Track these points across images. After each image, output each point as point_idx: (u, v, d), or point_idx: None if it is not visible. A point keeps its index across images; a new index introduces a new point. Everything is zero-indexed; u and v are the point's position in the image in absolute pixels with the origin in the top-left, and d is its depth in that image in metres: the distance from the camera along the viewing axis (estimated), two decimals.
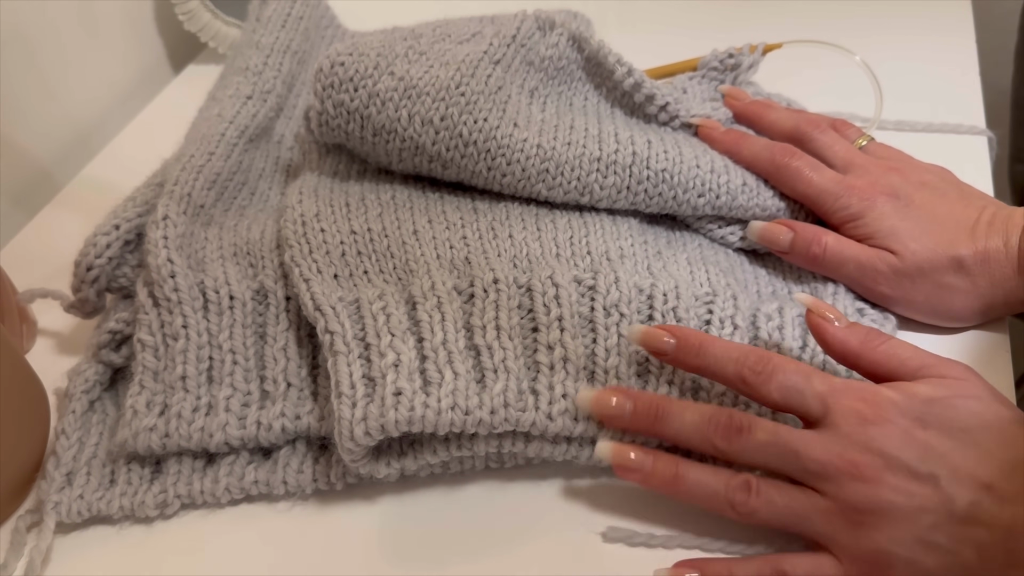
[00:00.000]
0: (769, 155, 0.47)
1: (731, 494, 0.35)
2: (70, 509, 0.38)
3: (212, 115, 0.52)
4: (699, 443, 0.36)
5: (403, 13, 0.64)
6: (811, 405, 0.35)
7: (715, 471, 0.36)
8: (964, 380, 0.36)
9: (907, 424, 0.34)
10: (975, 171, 0.52)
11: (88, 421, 0.41)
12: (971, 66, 0.64)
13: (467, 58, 0.47)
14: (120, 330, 0.43)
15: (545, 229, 0.44)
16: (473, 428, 0.36)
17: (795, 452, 0.34)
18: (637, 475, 0.36)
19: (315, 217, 0.45)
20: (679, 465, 0.36)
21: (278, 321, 0.42)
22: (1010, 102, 0.76)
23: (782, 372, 0.36)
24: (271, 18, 0.59)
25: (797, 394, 0.35)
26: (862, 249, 0.44)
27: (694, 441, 0.36)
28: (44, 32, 0.60)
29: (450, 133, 0.45)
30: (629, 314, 0.40)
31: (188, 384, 0.40)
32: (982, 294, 0.42)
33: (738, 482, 0.35)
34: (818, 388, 0.35)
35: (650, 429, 0.37)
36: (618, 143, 0.46)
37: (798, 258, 0.46)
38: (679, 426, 0.36)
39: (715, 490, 0.35)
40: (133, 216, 0.45)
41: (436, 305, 0.39)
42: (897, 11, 0.71)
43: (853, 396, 0.35)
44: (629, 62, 0.51)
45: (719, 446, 0.35)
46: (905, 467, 0.33)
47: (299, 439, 0.40)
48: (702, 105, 0.53)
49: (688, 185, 0.46)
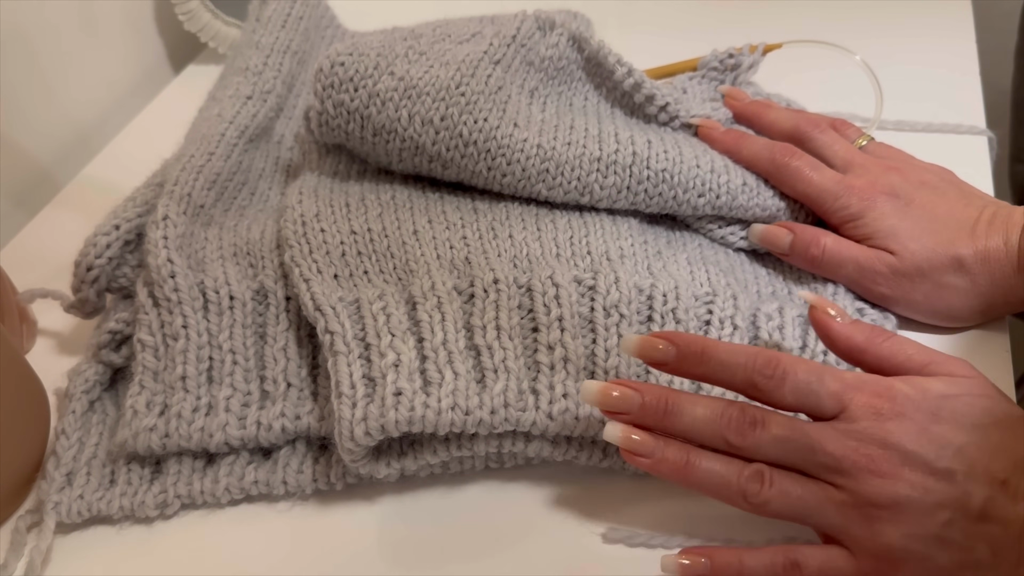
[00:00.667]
0: (769, 155, 0.47)
1: (744, 484, 0.34)
2: (70, 509, 0.38)
3: (212, 115, 0.52)
4: (711, 438, 0.35)
5: (403, 13, 0.64)
6: (826, 404, 0.35)
7: (727, 460, 0.35)
8: (972, 378, 0.36)
9: (922, 419, 0.34)
10: (975, 171, 0.52)
11: (88, 421, 0.41)
12: (971, 66, 0.64)
13: (467, 58, 0.47)
14: (120, 330, 0.43)
15: (545, 229, 0.45)
16: (473, 428, 0.36)
17: (810, 446, 0.34)
18: (647, 461, 0.35)
19: (315, 217, 0.45)
20: (690, 453, 0.35)
21: (278, 321, 0.42)
22: (1010, 102, 0.76)
23: (794, 374, 0.35)
24: (271, 18, 0.59)
25: (812, 395, 0.35)
26: (861, 250, 0.44)
27: (706, 436, 0.35)
28: (44, 32, 0.60)
29: (450, 133, 0.45)
30: (629, 315, 0.40)
31: (188, 384, 0.40)
32: (982, 293, 0.42)
33: (751, 472, 0.34)
34: (832, 387, 0.35)
35: (659, 424, 0.35)
36: (618, 143, 0.46)
37: (797, 259, 0.46)
38: (690, 421, 0.35)
39: (727, 480, 0.34)
40: (133, 216, 0.44)
41: (436, 305, 0.39)
42: (897, 11, 0.71)
43: (868, 391, 0.35)
44: (629, 62, 0.51)
45: (733, 441, 0.34)
46: (923, 462, 0.33)
47: (299, 439, 0.40)
48: (702, 105, 0.53)
49: (688, 185, 0.46)
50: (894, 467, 0.33)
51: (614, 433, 0.35)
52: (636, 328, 0.40)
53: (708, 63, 0.57)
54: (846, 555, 0.33)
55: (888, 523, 0.33)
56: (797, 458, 0.34)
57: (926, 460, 0.33)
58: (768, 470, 0.34)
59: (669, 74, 0.59)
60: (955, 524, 0.32)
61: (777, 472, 0.34)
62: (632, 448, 0.35)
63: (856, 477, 0.33)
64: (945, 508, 0.32)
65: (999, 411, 0.34)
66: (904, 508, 0.33)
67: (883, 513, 0.33)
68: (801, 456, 0.34)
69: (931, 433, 0.33)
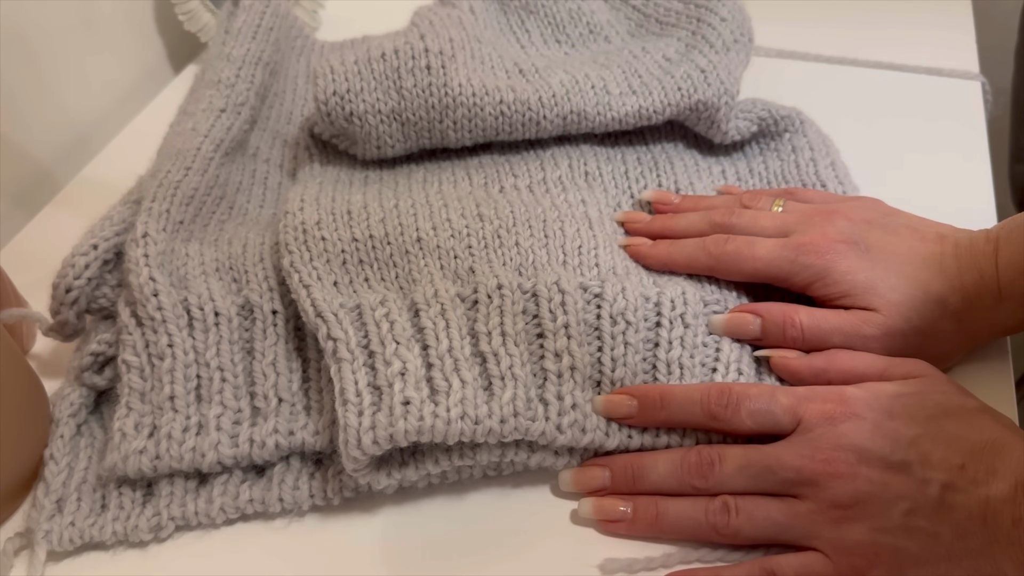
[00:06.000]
0: (703, 251, 0.44)
1: (712, 519, 0.36)
2: (61, 537, 0.37)
3: (186, 129, 0.51)
4: (679, 487, 0.37)
5: (403, 14, 0.63)
6: (782, 420, 0.37)
7: (693, 501, 0.37)
8: (928, 376, 0.37)
9: (875, 417, 0.35)
10: (976, 172, 0.54)
11: (76, 445, 0.40)
12: (971, 66, 0.65)
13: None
14: (103, 352, 0.42)
15: (553, 236, 0.44)
16: (483, 437, 0.36)
17: (769, 467, 0.36)
18: (622, 525, 0.37)
19: (316, 225, 0.44)
20: (658, 503, 0.37)
21: (265, 336, 0.42)
22: (1010, 102, 0.77)
23: (747, 399, 0.37)
24: (241, 30, 0.58)
25: (768, 414, 0.37)
26: (841, 318, 0.41)
27: (673, 487, 0.37)
28: (44, 32, 0.60)
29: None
30: (636, 322, 0.40)
31: (177, 404, 0.39)
32: (967, 330, 0.41)
33: (716, 506, 0.36)
34: (785, 402, 0.37)
35: (631, 489, 0.38)
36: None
37: (775, 342, 0.41)
38: (656, 478, 0.37)
39: (696, 519, 0.36)
40: (111, 235, 0.44)
41: (440, 312, 0.39)
42: (897, 11, 0.72)
43: (819, 400, 0.37)
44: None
45: (697, 485, 0.37)
46: (878, 458, 0.34)
47: (293, 455, 0.39)
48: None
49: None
50: (851, 466, 0.35)
51: (586, 510, 0.38)
52: (644, 335, 0.40)
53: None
54: (822, 559, 0.34)
55: (854, 521, 0.34)
56: (761, 482, 0.36)
57: (881, 455, 0.34)
58: (732, 499, 0.36)
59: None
60: (917, 513, 0.33)
61: (741, 499, 0.36)
62: (608, 517, 0.37)
63: (817, 484, 0.35)
64: (905, 499, 0.34)
65: (952, 404, 0.36)
66: (866, 504, 0.34)
67: (848, 512, 0.34)
68: (764, 479, 0.36)
69: (884, 429, 0.35)
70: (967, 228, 0.42)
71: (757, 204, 0.46)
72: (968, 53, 0.66)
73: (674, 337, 0.40)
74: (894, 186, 0.49)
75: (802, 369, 0.40)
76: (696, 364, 0.40)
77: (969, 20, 0.71)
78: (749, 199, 0.47)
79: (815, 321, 0.41)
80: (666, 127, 0.55)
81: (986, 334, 0.42)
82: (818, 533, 0.34)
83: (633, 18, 0.60)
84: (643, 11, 0.60)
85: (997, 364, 0.43)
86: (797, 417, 0.36)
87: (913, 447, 0.34)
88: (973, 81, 0.63)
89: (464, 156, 0.53)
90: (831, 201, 0.46)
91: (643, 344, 0.40)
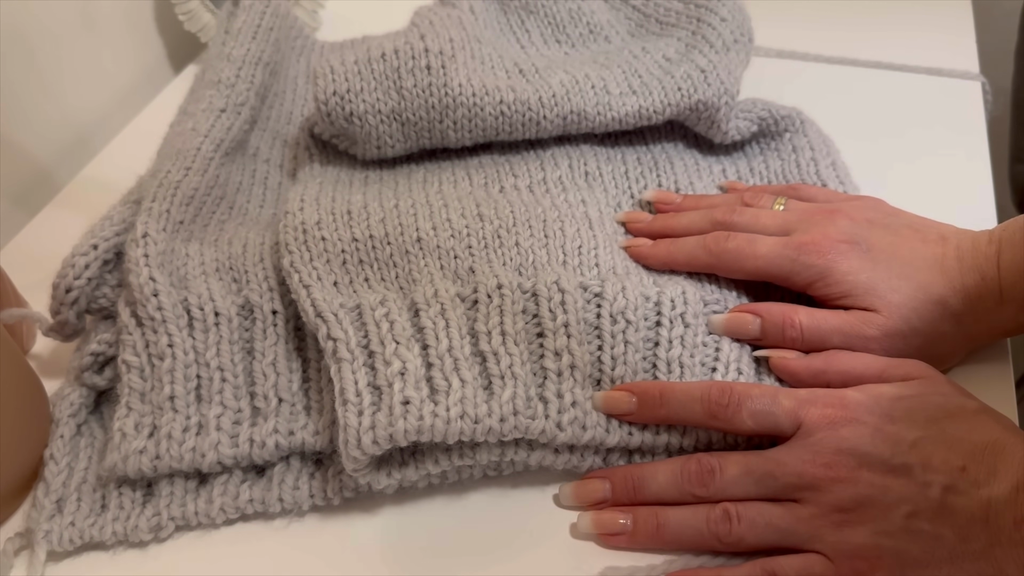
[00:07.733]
0: (703, 249, 0.44)
1: (714, 527, 0.35)
2: (61, 537, 0.37)
3: (186, 129, 0.51)
4: (680, 496, 0.37)
5: (403, 14, 0.63)
6: (783, 423, 0.36)
7: (694, 510, 0.36)
8: (927, 378, 0.37)
9: (876, 421, 0.35)
10: (975, 172, 0.54)
11: (76, 445, 0.40)
12: (971, 66, 0.65)
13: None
14: (102, 352, 0.42)
15: (553, 236, 0.44)
16: (483, 436, 0.36)
17: (770, 473, 0.36)
18: (623, 538, 0.37)
19: (316, 225, 0.44)
20: (658, 514, 0.37)
21: (265, 336, 0.42)
22: (1010, 102, 0.77)
23: (749, 399, 0.37)
24: (241, 30, 0.58)
25: (769, 416, 0.36)
26: (841, 319, 0.40)
27: (674, 496, 0.37)
28: (44, 32, 0.60)
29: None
30: (636, 321, 0.40)
31: (177, 404, 0.39)
32: (969, 332, 0.41)
33: (717, 514, 0.36)
34: (786, 404, 0.37)
35: (633, 500, 0.37)
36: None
37: (774, 342, 0.41)
38: (657, 488, 0.37)
39: (698, 529, 0.36)
40: (111, 235, 0.44)
41: (440, 311, 0.39)
42: (897, 11, 0.72)
43: (820, 403, 0.36)
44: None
45: (698, 494, 0.36)
46: (879, 461, 0.34)
47: (293, 455, 0.39)
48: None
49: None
50: (852, 470, 0.34)
51: (586, 525, 0.37)
52: (644, 334, 0.40)
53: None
54: (823, 561, 0.34)
55: (856, 525, 0.34)
56: (762, 487, 0.36)
57: (882, 459, 0.34)
58: (733, 507, 0.35)
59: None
60: (919, 516, 0.33)
61: (742, 505, 0.36)
62: (605, 531, 0.37)
63: (818, 488, 0.35)
64: (906, 502, 0.34)
65: (952, 405, 0.36)
66: (867, 507, 0.34)
67: (849, 516, 0.34)
68: (765, 484, 0.36)
69: (885, 433, 0.35)
70: (968, 229, 0.42)
71: (758, 202, 0.46)
72: (968, 53, 0.66)
73: (674, 336, 0.40)
74: (894, 186, 0.49)
75: (801, 370, 0.40)
76: (696, 363, 0.40)
77: (969, 20, 0.70)
78: (751, 197, 0.47)
79: (815, 322, 0.41)
80: (666, 127, 0.55)
81: (986, 336, 0.41)
82: (820, 537, 0.34)
83: (633, 18, 0.60)
84: (643, 11, 0.60)
85: (997, 365, 0.43)
86: (798, 421, 0.36)
87: (914, 450, 0.34)
88: (973, 81, 0.63)
89: (464, 156, 0.53)
90: (833, 200, 0.46)
91: (643, 343, 0.40)
